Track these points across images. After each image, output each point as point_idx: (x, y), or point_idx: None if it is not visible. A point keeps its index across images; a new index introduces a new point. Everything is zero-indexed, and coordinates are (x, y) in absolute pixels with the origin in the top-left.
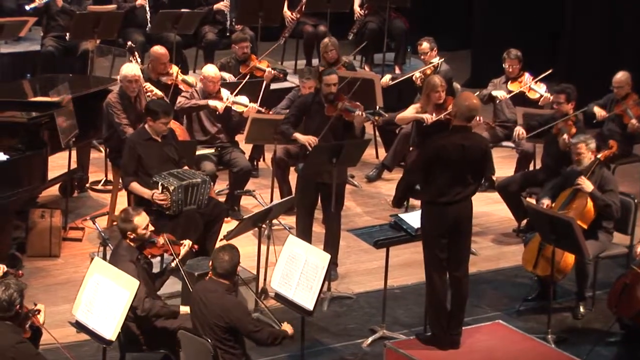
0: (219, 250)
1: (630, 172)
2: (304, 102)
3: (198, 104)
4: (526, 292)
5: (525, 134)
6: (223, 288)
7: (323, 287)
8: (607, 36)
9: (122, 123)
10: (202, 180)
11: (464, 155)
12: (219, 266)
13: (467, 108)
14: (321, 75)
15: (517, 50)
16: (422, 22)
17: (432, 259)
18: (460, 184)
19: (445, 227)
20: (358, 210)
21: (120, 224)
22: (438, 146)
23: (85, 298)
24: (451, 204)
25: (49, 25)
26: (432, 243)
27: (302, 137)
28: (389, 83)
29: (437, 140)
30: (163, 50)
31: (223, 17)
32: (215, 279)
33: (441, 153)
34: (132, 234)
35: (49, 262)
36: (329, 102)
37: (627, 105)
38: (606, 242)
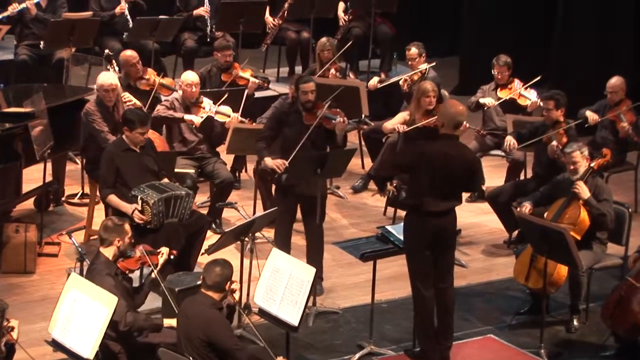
0: (211, 262)
1: (623, 181)
2: (280, 112)
3: (174, 116)
4: (518, 305)
5: (516, 145)
6: (209, 301)
7: (308, 302)
8: (600, 42)
9: (103, 130)
10: (185, 194)
11: (447, 164)
12: (209, 277)
13: (453, 116)
14: (297, 83)
15: (507, 56)
16: (409, 28)
17: (417, 271)
18: (442, 194)
19: (427, 239)
20: (344, 222)
21: (107, 232)
22: (421, 152)
23: (61, 315)
24: (433, 215)
25: (23, 33)
26: (415, 255)
27: (270, 162)
28: (377, 86)
29: (422, 145)
30: (130, 52)
31: (203, 23)
32: (204, 291)
33: (424, 159)
34: (120, 242)
35: (24, 278)
36: (307, 111)
37: (620, 111)
38: (600, 253)
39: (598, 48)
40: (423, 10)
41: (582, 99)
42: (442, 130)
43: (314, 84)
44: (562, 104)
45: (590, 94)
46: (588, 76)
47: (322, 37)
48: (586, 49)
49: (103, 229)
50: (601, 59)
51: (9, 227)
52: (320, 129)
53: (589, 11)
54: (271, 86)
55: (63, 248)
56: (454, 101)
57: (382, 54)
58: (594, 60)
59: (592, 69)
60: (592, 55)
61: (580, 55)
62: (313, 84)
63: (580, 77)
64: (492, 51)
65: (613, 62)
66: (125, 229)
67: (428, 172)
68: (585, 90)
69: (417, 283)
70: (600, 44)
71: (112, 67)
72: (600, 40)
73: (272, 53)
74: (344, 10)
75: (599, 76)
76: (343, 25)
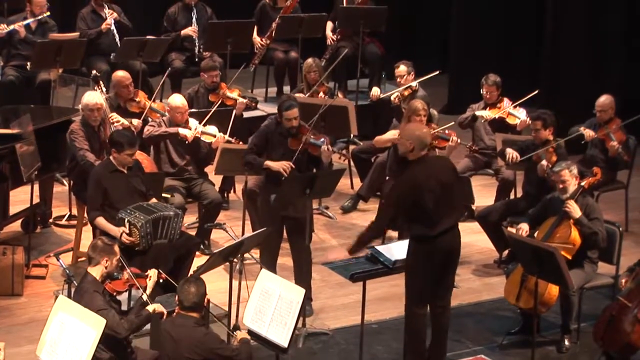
0: (183, 283)
1: (614, 200)
2: (267, 130)
3: (168, 132)
4: (509, 325)
5: (519, 157)
6: (192, 321)
7: (298, 323)
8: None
9: (82, 148)
10: (174, 214)
11: (441, 182)
12: (186, 299)
13: (422, 137)
14: (280, 109)
15: (496, 75)
16: (397, 47)
17: (417, 295)
18: (445, 212)
19: (437, 261)
20: (333, 242)
21: (95, 252)
22: (415, 183)
23: (49, 338)
24: (441, 235)
25: (10, 54)
26: (420, 279)
27: (275, 164)
28: (380, 96)
29: (407, 175)
30: (122, 72)
31: (191, 43)
32: (183, 313)
33: (415, 187)
34: (107, 262)
35: (11, 301)
36: (292, 136)
37: (610, 130)
38: (591, 273)
39: (587, 67)
40: (412, 29)
41: (571, 118)
42: (413, 153)
43: (297, 110)
44: (549, 123)
45: (579, 113)
46: (577, 95)
47: (311, 57)
48: (575, 68)
49: (92, 248)
50: (591, 77)
51: None
52: (305, 154)
53: (579, 30)
54: (259, 106)
55: (51, 270)
56: (414, 124)
57: (370, 73)
58: (584, 79)
59: (582, 88)
60: (582, 74)
61: (570, 74)
62: (296, 110)
63: (570, 96)
64: (481, 70)
65: (602, 81)
66: (114, 250)
67: (425, 196)
68: (575, 109)
69: (413, 303)
70: (590, 63)
71: (100, 88)
72: (590, 58)
73: (260, 73)
74: (332, 29)
75: (589, 95)
76: (331, 44)
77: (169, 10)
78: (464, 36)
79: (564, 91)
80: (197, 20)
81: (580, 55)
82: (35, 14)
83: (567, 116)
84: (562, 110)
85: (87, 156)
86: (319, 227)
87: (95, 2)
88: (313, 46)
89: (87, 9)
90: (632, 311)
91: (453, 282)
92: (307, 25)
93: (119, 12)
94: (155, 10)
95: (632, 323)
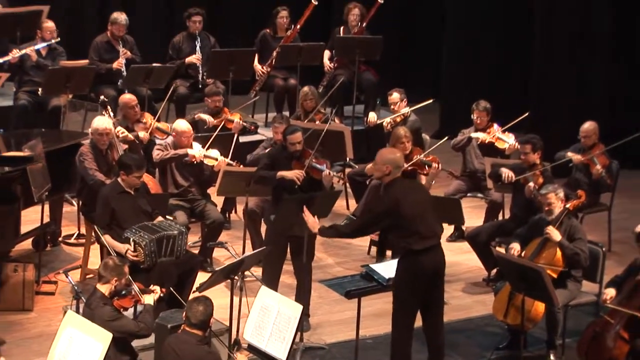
0: (193, 301)
1: (597, 221)
2: (274, 154)
3: (178, 154)
4: (497, 341)
5: (514, 177)
6: (196, 339)
7: (295, 338)
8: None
9: (91, 168)
10: (178, 232)
11: (414, 198)
12: (193, 316)
13: (397, 160)
14: (285, 134)
15: (486, 102)
16: (392, 75)
17: (406, 312)
18: (425, 230)
19: (425, 278)
20: (329, 261)
21: (106, 271)
22: (395, 198)
23: (58, 352)
24: (426, 252)
25: (22, 80)
26: (408, 297)
27: (289, 173)
28: (377, 122)
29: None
30: (129, 95)
31: (195, 71)
32: (188, 329)
33: (395, 203)
34: (116, 281)
35: (22, 316)
36: (296, 159)
37: (593, 155)
38: (575, 291)
39: (573, 94)
40: (405, 58)
41: (557, 143)
42: (389, 176)
43: (300, 135)
44: (538, 147)
45: (564, 138)
46: (563, 121)
47: (309, 83)
48: (562, 95)
49: (103, 266)
50: (576, 104)
51: (7, 266)
52: (307, 176)
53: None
54: (260, 130)
55: (60, 286)
56: (387, 149)
57: (366, 100)
58: (569, 105)
59: (567, 114)
60: (568, 101)
61: (556, 102)
62: (300, 135)
63: (556, 122)
64: (471, 97)
65: (587, 108)
66: (124, 271)
67: (408, 213)
68: (560, 134)
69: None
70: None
71: (107, 113)
72: (576, 87)
73: (260, 99)
74: (329, 58)
75: (574, 121)
76: (328, 72)
77: (174, 39)
78: (455, 64)
79: (550, 117)
80: (201, 48)
81: (565, 84)
82: (46, 39)
83: (552, 141)
84: (547, 136)
85: (97, 175)
86: (317, 246)
87: (111, 35)
88: (311, 74)
89: (102, 38)
90: (614, 327)
91: (442, 298)
92: (305, 54)
93: (131, 46)
94: (161, 39)
95: (614, 339)
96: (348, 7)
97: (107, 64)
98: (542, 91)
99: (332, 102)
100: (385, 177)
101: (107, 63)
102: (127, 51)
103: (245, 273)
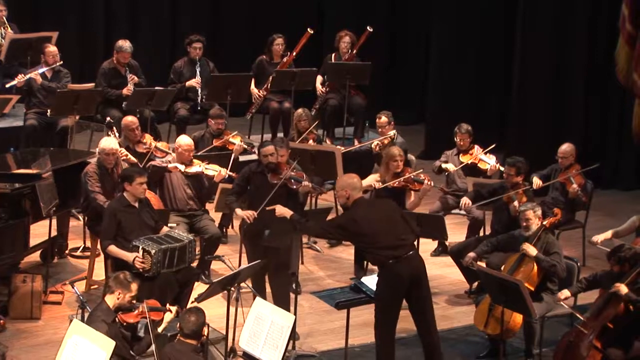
0: (185, 312)
1: (573, 237)
2: (248, 172)
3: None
4: (478, 350)
5: (470, 204)
6: (190, 348)
7: (288, 346)
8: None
9: (94, 191)
10: (188, 241)
11: (377, 214)
12: (186, 327)
13: (354, 184)
14: (259, 148)
15: (468, 124)
16: (380, 99)
17: (387, 321)
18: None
19: (403, 287)
20: (320, 273)
21: (114, 282)
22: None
23: (64, 358)
24: (400, 260)
25: (31, 102)
26: (389, 306)
27: (241, 213)
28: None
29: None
30: (130, 117)
31: (194, 94)
32: (182, 339)
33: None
34: (121, 295)
35: (30, 324)
36: (272, 171)
37: (570, 174)
38: (551, 303)
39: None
40: (393, 83)
41: (534, 163)
42: (349, 199)
43: (272, 148)
44: (522, 171)
45: (542, 159)
46: (541, 142)
47: (302, 106)
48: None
49: (113, 278)
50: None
51: (17, 277)
52: (284, 188)
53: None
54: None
55: (66, 297)
56: (346, 175)
57: (355, 122)
58: (547, 128)
59: (545, 136)
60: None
61: (534, 125)
62: (272, 148)
63: (534, 143)
64: (455, 120)
65: (564, 131)
66: (131, 288)
67: (368, 229)
68: (538, 155)
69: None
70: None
71: (113, 133)
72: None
73: (256, 121)
74: (321, 82)
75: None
76: (320, 96)
77: (176, 64)
78: (439, 89)
79: (529, 138)
80: (201, 73)
81: (544, 107)
82: (49, 63)
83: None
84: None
85: (98, 198)
86: (308, 260)
87: (117, 62)
88: (304, 97)
89: (109, 64)
90: (588, 337)
91: (428, 297)
92: (299, 79)
93: (136, 70)
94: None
95: (588, 348)
96: (339, 35)
97: (114, 89)
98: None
99: (324, 124)
100: (346, 200)
101: (114, 88)
102: (134, 76)
103: (241, 285)
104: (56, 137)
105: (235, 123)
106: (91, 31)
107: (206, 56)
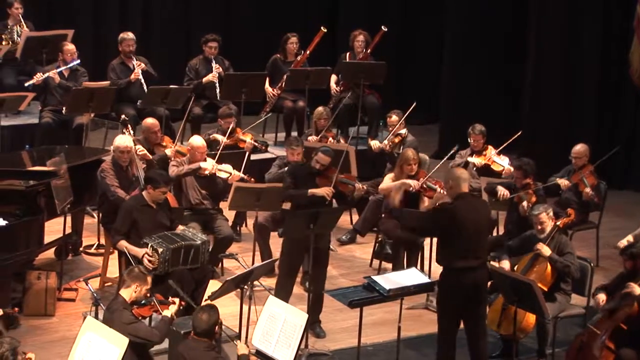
0: (198, 310)
1: (586, 238)
2: (294, 172)
3: (191, 168)
4: (491, 349)
5: (508, 194)
6: (203, 346)
7: (301, 345)
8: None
9: (112, 184)
10: (201, 242)
11: (474, 219)
12: (198, 326)
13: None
14: (316, 153)
15: (482, 125)
16: (394, 98)
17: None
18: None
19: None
20: (334, 272)
21: (130, 276)
22: (453, 216)
23: (78, 355)
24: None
25: (46, 100)
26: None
27: (319, 190)
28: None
29: (450, 207)
30: (152, 120)
31: (211, 92)
32: (196, 337)
33: (456, 222)
34: (138, 288)
35: (44, 320)
36: (318, 175)
37: (583, 175)
38: (565, 303)
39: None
40: (407, 82)
41: (548, 164)
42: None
43: (330, 159)
44: (529, 173)
45: (553, 159)
46: (554, 142)
47: (317, 105)
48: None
49: (128, 272)
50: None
51: (31, 274)
52: (336, 190)
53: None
54: (269, 149)
55: (80, 293)
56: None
57: (369, 121)
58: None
59: (558, 136)
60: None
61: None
62: (329, 159)
63: (548, 143)
64: (469, 119)
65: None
66: (146, 280)
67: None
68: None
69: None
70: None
71: (128, 131)
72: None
73: (270, 119)
74: (335, 82)
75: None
76: (335, 95)
77: (191, 62)
78: (453, 89)
79: (542, 138)
80: None
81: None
82: (67, 61)
83: (545, 161)
84: (540, 156)
85: (118, 192)
86: None
87: (123, 54)
88: (319, 96)
89: (117, 60)
90: (600, 338)
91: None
92: (313, 78)
93: (145, 63)
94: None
95: (600, 349)
96: (354, 34)
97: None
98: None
99: (338, 123)
100: (450, 190)
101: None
102: (141, 62)
103: (254, 283)
104: (71, 134)
105: (249, 121)
106: (104, 32)
107: (221, 55)
